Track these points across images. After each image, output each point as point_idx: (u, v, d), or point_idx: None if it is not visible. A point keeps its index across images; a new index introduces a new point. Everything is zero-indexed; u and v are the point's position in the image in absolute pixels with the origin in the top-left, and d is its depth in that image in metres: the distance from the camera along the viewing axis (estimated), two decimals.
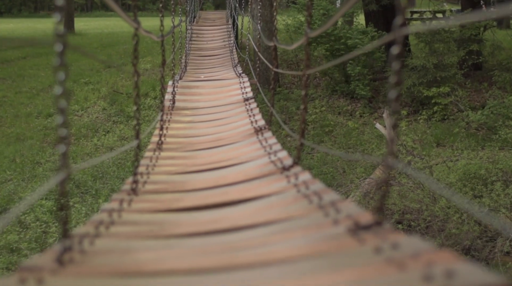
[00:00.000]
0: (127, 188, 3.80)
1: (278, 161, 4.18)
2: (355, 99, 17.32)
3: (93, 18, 54.84)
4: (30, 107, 17.87)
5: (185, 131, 6.34)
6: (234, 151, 5.10)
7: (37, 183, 12.94)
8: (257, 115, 6.48)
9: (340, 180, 13.19)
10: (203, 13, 22.72)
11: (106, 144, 14.60)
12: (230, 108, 7.27)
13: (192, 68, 11.65)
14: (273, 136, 5.24)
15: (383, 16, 19.56)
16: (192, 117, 7.00)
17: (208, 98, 8.04)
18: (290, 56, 20.16)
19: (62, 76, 2.03)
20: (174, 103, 7.49)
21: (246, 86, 8.42)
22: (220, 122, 6.60)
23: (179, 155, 5.17)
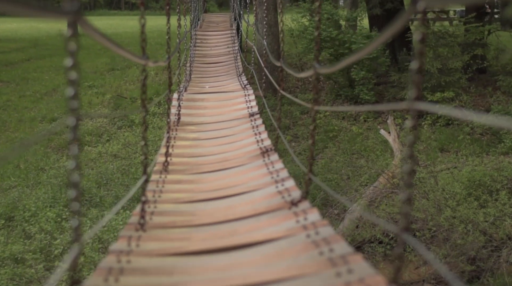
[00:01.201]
0: (134, 220, 3.80)
1: (286, 192, 4.16)
2: (359, 103, 17.30)
3: (96, 17, 54.76)
4: (34, 111, 17.88)
5: (191, 150, 6.32)
6: (241, 176, 5.08)
7: (41, 190, 12.93)
8: (263, 134, 6.46)
9: (344, 187, 13.18)
10: (206, 16, 22.67)
11: (111, 151, 14.58)
12: (236, 124, 7.25)
13: (197, 77, 11.62)
14: (279, 160, 5.22)
15: (387, 20, 19.52)
16: (197, 133, 6.98)
17: (213, 112, 8.02)
18: (294, 59, 20.14)
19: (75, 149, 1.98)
20: (179, 118, 7.47)
21: (251, 100, 8.40)
22: (225, 140, 6.58)
23: (185, 179, 5.16)
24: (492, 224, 10.64)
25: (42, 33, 33.62)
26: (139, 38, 3.74)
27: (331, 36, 16.55)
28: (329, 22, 17.11)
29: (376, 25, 19.38)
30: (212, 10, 56.32)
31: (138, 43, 11.27)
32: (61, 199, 12.35)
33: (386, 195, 11.85)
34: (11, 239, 10.33)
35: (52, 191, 12.73)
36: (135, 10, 62.55)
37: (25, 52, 25.79)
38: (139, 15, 3.82)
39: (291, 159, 14.60)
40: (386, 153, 14.56)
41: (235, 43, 14.99)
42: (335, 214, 12.57)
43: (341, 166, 14.04)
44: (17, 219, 11.65)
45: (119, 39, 29.84)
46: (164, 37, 28.02)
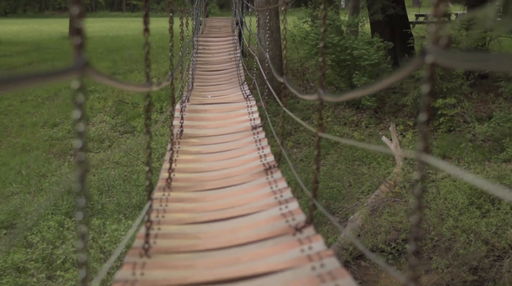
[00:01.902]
0: (139, 244, 3.80)
1: (290, 215, 4.16)
2: (360, 109, 17.30)
3: (98, 19, 54.77)
4: (36, 116, 17.89)
5: (193, 165, 6.32)
6: (244, 194, 5.08)
7: (43, 197, 12.95)
8: (265, 149, 6.46)
9: (346, 195, 13.19)
10: (208, 20, 22.70)
11: (113, 158, 14.59)
12: (238, 137, 7.25)
13: (199, 85, 11.62)
14: (283, 179, 5.22)
15: (389, 25, 19.55)
16: (200, 147, 6.98)
17: (215, 125, 8.02)
18: (296, 65, 20.13)
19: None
20: (182, 131, 7.47)
21: (253, 111, 8.41)
22: (228, 155, 6.58)
23: (188, 197, 5.16)
24: (494, 234, 10.63)
25: (43, 36, 33.67)
26: (142, 42, 3.74)
27: (332, 42, 16.54)
28: (330, 28, 17.10)
29: (377, 31, 19.38)
30: (213, 12, 56.35)
31: (140, 46, 11.28)
32: (63, 206, 12.36)
33: (388, 204, 11.84)
34: (13, 248, 10.32)
35: (54, 198, 12.73)
36: (136, 12, 62.60)
37: (27, 56, 25.80)
38: (140, 16, 3.83)
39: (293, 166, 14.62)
40: (388, 160, 14.57)
41: (237, 49, 14.99)
42: (337, 221, 12.57)
43: (343, 173, 14.04)
44: (19, 226, 11.66)
45: (120, 42, 29.89)
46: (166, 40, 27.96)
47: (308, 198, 3.99)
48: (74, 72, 1.76)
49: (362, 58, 16.56)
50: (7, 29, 38.99)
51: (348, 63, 16.91)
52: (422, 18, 35.19)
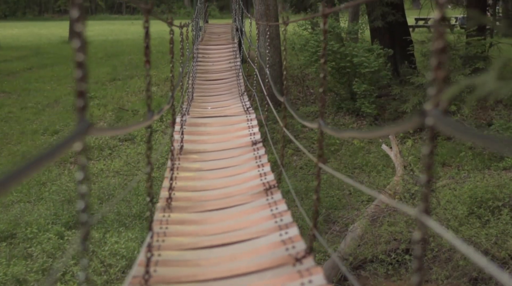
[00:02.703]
0: (139, 272, 3.81)
1: (290, 242, 4.17)
2: (360, 116, 17.30)
3: (98, 21, 54.84)
4: (36, 123, 17.89)
5: (193, 182, 6.33)
6: (244, 217, 5.10)
7: (43, 206, 12.95)
8: (266, 166, 6.48)
9: (346, 203, 13.20)
10: (208, 26, 22.70)
11: (113, 168, 14.59)
12: (238, 153, 7.27)
13: (199, 95, 11.65)
14: (283, 200, 5.23)
15: (389, 32, 19.56)
16: (200, 163, 6.99)
17: (216, 139, 8.04)
18: (296, 71, 20.15)
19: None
20: (182, 146, 7.49)
21: (253, 125, 8.43)
22: (228, 172, 6.59)
23: (189, 219, 5.17)
24: (494, 244, 10.64)
25: (43, 40, 33.71)
26: (141, 47, 3.78)
27: (332, 49, 16.55)
28: (330, 35, 17.10)
29: (377, 38, 19.39)
30: (213, 15, 56.40)
31: (140, 51, 11.26)
32: (63, 216, 12.36)
33: (388, 213, 11.85)
34: (13, 261, 10.32)
35: (54, 207, 12.73)
36: (136, 14, 62.62)
37: (27, 61, 25.84)
38: (140, 19, 3.87)
39: (293, 173, 14.64)
40: (387, 168, 14.58)
41: (236, 58, 15.01)
42: (336, 230, 12.58)
43: (343, 181, 14.04)
44: (19, 236, 11.66)
45: (120, 46, 29.92)
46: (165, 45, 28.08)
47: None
48: (78, 137, 1.77)
49: (362, 66, 16.57)
50: (6, 33, 39.02)
51: (348, 70, 16.91)
52: (422, 22, 35.22)
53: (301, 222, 12.52)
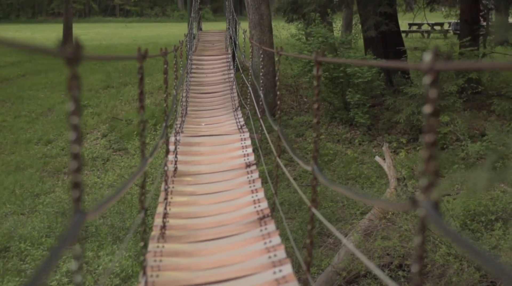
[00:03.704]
0: None
1: (283, 282, 4.20)
2: (354, 126, 17.33)
3: (92, 24, 54.80)
4: (30, 132, 17.87)
5: (188, 208, 6.35)
6: (238, 249, 5.12)
7: (37, 218, 12.93)
8: (259, 192, 6.50)
9: (339, 216, 13.23)
10: (202, 34, 22.70)
11: (107, 181, 14.59)
12: (232, 176, 7.29)
13: (193, 109, 11.67)
14: (276, 232, 5.26)
15: (382, 42, 19.58)
16: (194, 187, 7.02)
17: (209, 161, 8.06)
18: (289, 80, 20.17)
19: None
20: (176, 168, 7.50)
21: (247, 145, 8.45)
22: (222, 198, 6.61)
23: (183, 250, 5.19)
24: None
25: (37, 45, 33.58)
26: (135, 51, 3.77)
27: None
28: (324, 45, 17.11)
29: (371, 47, 19.42)
30: (206, 17, 56.40)
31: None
32: (57, 228, 12.36)
33: (382, 227, 11.87)
34: (6, 279, 10.32)
35: (47, 220, 12.73)
36: (130, 17, 62.60)
37: (21, 67, 25.81)
38: (134, 22, 3.87)
39: (287, 184, 14.65)
40: (381, 180, 14.61)
41: (230, 69, 15.02)
42: (331, 243, 12.61)
43: (336, 193, 14.08)
44: (13, 250, 11.65)
45: (114, 52, 29.90)
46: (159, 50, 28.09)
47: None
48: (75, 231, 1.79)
49: (356, 76, 16.60)
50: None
51: (341, 80, 16.93)
52: (416, 27, 35.32)
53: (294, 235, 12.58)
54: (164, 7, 64.49)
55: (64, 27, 32.49)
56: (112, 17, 64.25)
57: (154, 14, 63.01)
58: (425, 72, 1.80)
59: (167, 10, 63.98)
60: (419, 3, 22.72)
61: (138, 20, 60.84)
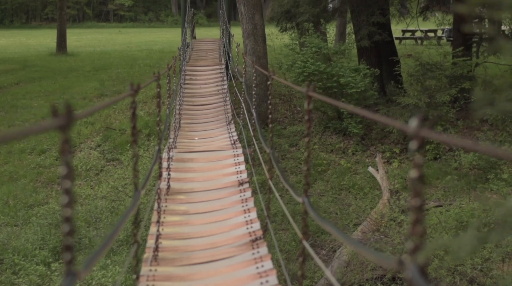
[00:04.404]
0: None
1: None
2: (347, 136, 17.37)
3: (85, 30, 54.80)
4: (23, 142, 17.84)
5: (180, 228, 6.37)
6: (230, 274, 5.14)
7: (31, 229, 12.94)
8: (252, 212, 6.53)
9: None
10: (195, 43, 22.72)
11: (100, 194, 14.59)
12: (225, 194, 7.32)
13: (186, 122, 11.70)
14: (268, 256, 5.29)
15: (376, 51, 19.65)
16: (187, 205, 7.04)
17: (202, 178, 8.08)
18: (283, 90, 20.22)
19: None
20: (169, 186, 7.52)
21: (240, 162, 8.48)
22: (215, 218, 6.64)
23: (176, 274, 5.21)
24: (480, 271, 10.72)
25: (31, 52, 33.64)
26: (129, 60, 3.81)
27: (319, 69, 16.62)
28: (317, 55, 17.17)
29: (364, 57, 19.49)
30: (200, 23, 56.44)
31: (128, 64, 11.24)
32: (50, 240, 12.37)
33: (375, 239, 11.93)
34: None
35: (41, 231, 12.73)
36: (124, 22, 62.58)
37: (14, 75, 25.78)
38: (128, 27, 3.87)
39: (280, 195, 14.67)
40: (374, 190, 14.65)
41: (224, 80, 15.05)
42: (323, 255, 12.66)
43: (330, 204, 14.12)
44: (6, 262, 11.66)
45: (108, 58, 29.91)
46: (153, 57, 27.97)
47: None
48: None
49: (349, 86, 16.65)
50: None
51: (335, 90, 16.98)
52: (409, 34, 35.41)
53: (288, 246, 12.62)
54: (158, 12, 64.46)
55: (58, 34, 32.52)
56: (106, 22, 64.20)
57: (148, 19, 62.98)
58: (411, 137, 1.83)
59: (161, 15, 63.97)
60: (412, 13, 22.77)
61: (132, 25, 60.83)
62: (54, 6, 53.21)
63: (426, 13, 22.78)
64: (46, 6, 61.16)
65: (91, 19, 64.23)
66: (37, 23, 62.78)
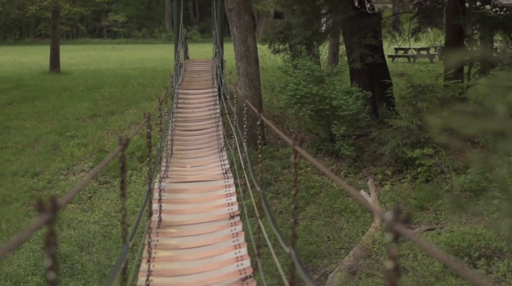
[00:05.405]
0: None
1: None
2: (339, 158, 17.42)
3: (79, 46, 54.86)
4: (16, 164, 17.87)
5: (171, 265, 6.41)
6: None
7: (23, 255, 12.94)
8: (242, 248, 6.57)
9: (325, 250, 13.29)
10: (188, 64, 22.79)
11: (92, 219, 14.59)
12: (216, 228, 7.36)
13: (178, 148, 11.75)
14: None
15: (368, 73, 19.73)
16: (178, 240, 7.08)
17: (193, 210, 8.13)
18: (276, 111, 20.31)
19: None
20: (160, 219, 7.56)
21: (231, 193, 8.53)
22: (205, 253, 6.68)
23: None
24: None
25: (24, 71, 33.62)
26: (123, 79, 3.85)
27: (311, 92, 16.68)
28: (309, 78, 17.25)
29: (357, 79, 19.58)
30: (194, 39, 56.58)
31: (121, 83, 11.35)
32: (43, 266, 12.36)
33: (367, 265, 11.97)
34: None
35: (33, 257, 12.73)
36: (117, 38, 62.64)
37: (8, 95, 25.79)
38: (121, 43, 3.89)
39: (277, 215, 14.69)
40: (366, 213, 14.69)
41: (216, 104, 15.11)
42: (316, 279, 12.68)
43: (322, 228, 14.16)
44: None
45: (101, 77, 29.95)
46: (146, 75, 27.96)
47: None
48: None
49: (341, 108, 16.71)
50: None
51: (327, 112, 17.04)
52: (402, 52, 35.51)
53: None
54: (152, 29, 64.55)
55: (51, 52, 32.55)
56: (99, 38, 64.25)
57: (142, 36, 63.08)
58: (387, 230, 1.89)
59: (154, 31, 64.06)
60: (404, 35, 22.89)
61: (125, 41, 60.90)
62: (47, 22, 53.22)
63: (417, 34, 22.90)
64: (39, 23, 61.17)
65: (85, 35, 64.28)
66: (31, 39, 62.83)
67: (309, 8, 19.55)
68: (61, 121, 21.11)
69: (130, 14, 63.71)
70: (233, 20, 17.95)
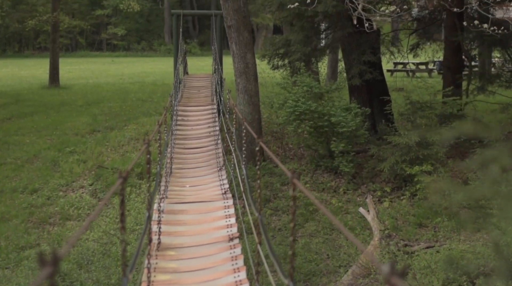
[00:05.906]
0: None
1: None
2: (338, 175, 17.44)
3: (78, 59, 54.94)
4: (15, 180, 17.87)
5: None
6: None
7: (22, 273, 12.94)
8: (241, 272, 6.59)
9: (324, 268, 13.29)
10: (188, 80, 22.82)
11: (91, 238, 14.58)
12: (215, 251, 7.38)
13: (178, 167, 11.77)
14: None
15: (367, 90, 19.79)
16: (177, 263, 7.09)
17: (193, 231, 8.15)
18: (275, 127, 20.34)
19: None
20: (160, 242, 7.58)
21: (230, 214, 8.55)
22: (204, 277, 6.70)
23: None
24: None
25: (23, 85, 33.60)
26: (122, 93, 3.88)
27: (310, 109, 16.71)
28: (308, 95, 17.30)
29: (355, 95, 19.63)
30: (193, 52, 56.67)
31: (120, 98, 11.33)
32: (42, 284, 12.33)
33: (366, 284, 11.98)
34: None
35: (32, 275, 12.72)
36: (117, 51, 62.72)
37: (7, 109, 25.77)
38: (121, 56, 3.90)
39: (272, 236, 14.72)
40: (365, 231, 14.70)
41: (216, 121, 15.14)
42: None
43: (321, 246, 14.17)
44: None
45: (100, 92, 29.95)
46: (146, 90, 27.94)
47: None
48: None
49: (340, 125, 16.73)
50: None
51: (326, 129, 17.06)
52: (401, 66, 35.61)
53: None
54: (151, 42, 64.65)
55: (50, 66, 32.56)
56: (99, 51, 64.34)
57: (141, 49, 63.16)
58: (384, 283, 1.91)
59: (154, 44, 64.16)
60: (402, 52, 22.97)
61: (125, 54, 60.98)
62: (46, 35, 53.34)
63: (416, 50, 22.99)
64: (39, 35, 61.21)
65: (84, 48, 64.35)
66: (30, 52, 62.89)
67: (308, 24, 19.60)
68: (60, 137, 21.12)
69: (129, 27, 63.79)
70: (233, 37, 18.00)
